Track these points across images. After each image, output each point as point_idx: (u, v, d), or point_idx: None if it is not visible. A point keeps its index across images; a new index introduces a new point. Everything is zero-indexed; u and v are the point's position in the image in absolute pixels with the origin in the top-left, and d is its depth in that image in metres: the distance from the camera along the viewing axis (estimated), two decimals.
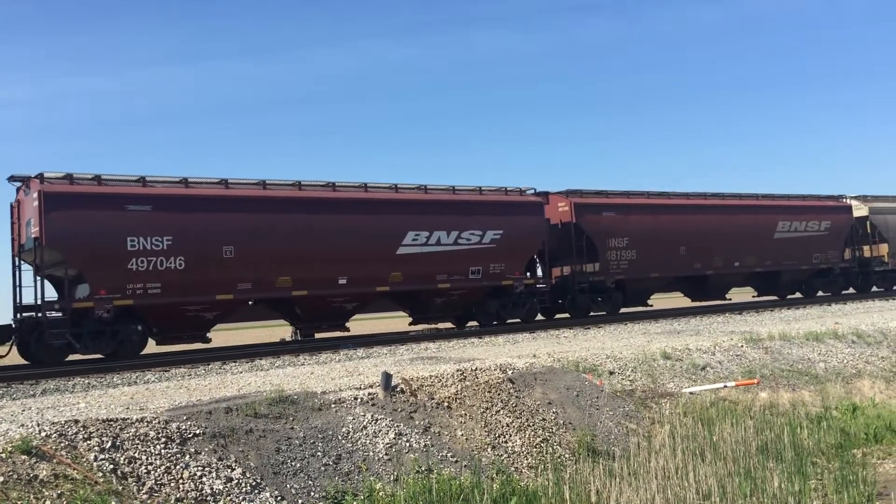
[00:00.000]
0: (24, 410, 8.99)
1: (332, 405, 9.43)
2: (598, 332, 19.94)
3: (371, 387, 10.14)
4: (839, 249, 31.19)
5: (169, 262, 17.36)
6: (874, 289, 32.73)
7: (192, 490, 7.34)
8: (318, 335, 20.63)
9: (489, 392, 10.53)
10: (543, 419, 10.39)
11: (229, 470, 7.76)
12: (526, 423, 10.17)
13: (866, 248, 32.40)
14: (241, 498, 7.48)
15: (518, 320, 22.71)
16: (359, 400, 9.66)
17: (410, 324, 22.60)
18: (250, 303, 19.37)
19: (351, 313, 20.32)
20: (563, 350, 14.18)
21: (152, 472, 7.37)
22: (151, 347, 18.58)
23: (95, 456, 7.31)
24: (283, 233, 18.88)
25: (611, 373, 12.52)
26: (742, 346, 15.08)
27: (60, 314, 16.90)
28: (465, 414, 10.00)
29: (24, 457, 6.96)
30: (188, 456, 7.74)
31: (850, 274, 31.98)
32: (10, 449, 7.00)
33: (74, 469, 7.03)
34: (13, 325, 17.16)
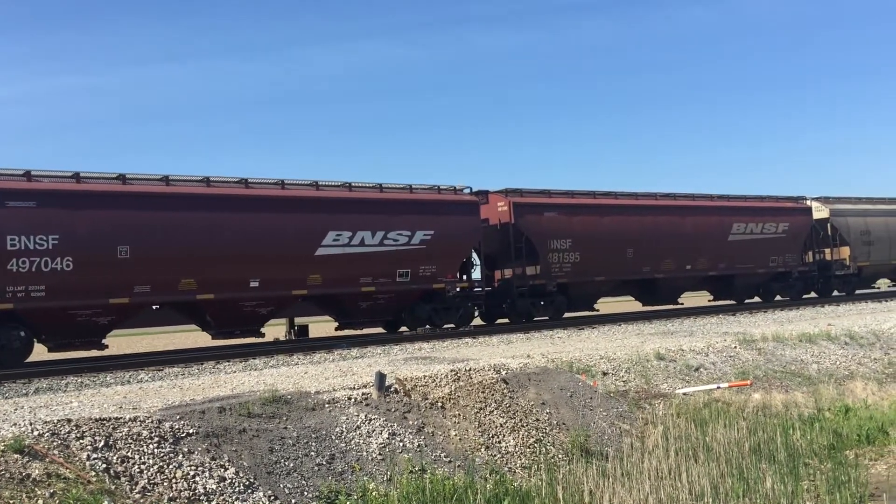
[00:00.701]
0: (16, 409, 8.96)
1: (326, 405, 9.42)
2: (591, 332, 19.96)
3: (365, 387, 10.13)
4: (798, 252, 30.38)
5: (55, 263, 16.17)
6: (835, 293, 32.07)
7: (185, 490, 7.33)
8: (311, 335, 20.61)
9: (483, 392, 10.54)
10: (537, 419, 10.40)
11: (222, 469, 7.75)
12: (520, 424, 10.18)
13: (827, 251, 31.64)
14: (234, 498, 7.47)
15: (452, 326, 21.80)
16: (353, 400, 9.65)
17: (336, 329, 21.62)
18: (154, 307, 18.36)
19: (266, 318, 19.43)
20: (556, 351, 14.19)
21: (145, 472, 7.35)
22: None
23: (88, 455, 7.29)
24: (186, 232, 17.83)
25: (604, 373, 12.53)
26: (735, 347, 15.12)
27: None
28: (459, 414, 10.01)
29: (16, 456, 6.94)
30: (181, 455, 7.72)
31: (809, 278, 31.19)
32: (2, 448, 6.98)
33: (67, 468, 7.01)
34: None
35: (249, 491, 7.63)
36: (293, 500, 7.77)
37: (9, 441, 7.09)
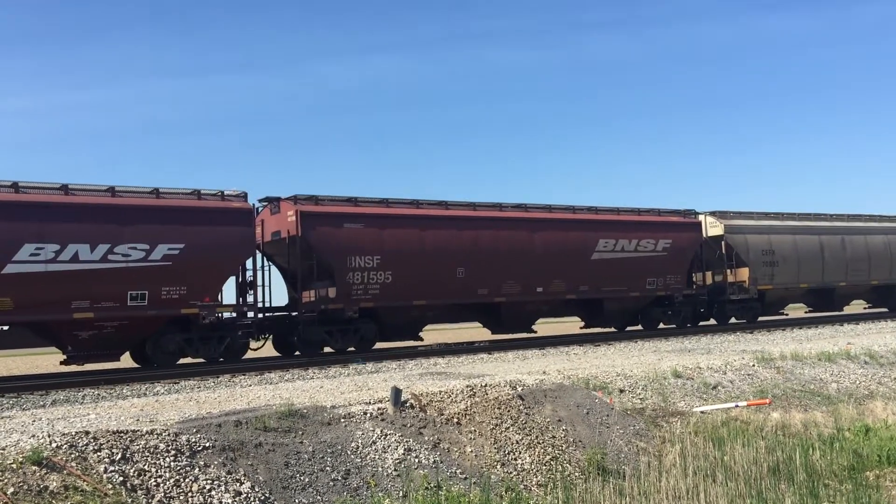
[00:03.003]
0: (34, 421, 9.01)
1: (342, 419, 9.41)
2: (608, 349, 19.87)
3: (380, 401, 10.12)
4: (683, 274, 26.10)
5: None
6: (732, 320, 28.00)
7: (201, 503, 7.33)
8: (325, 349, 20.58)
9: (499, 408, 10.49)
10: (553, 436, 10.34)
11: (238, 484, 7.75)
12: (535, 441, 10.13)
13: (728, 272, 27.48)
14: None
15: (221, 359, 18.44)
16: (368, 415, 9.64)
17: (62, 363, 17.74)
18: None
19: None
20: (573, 367, 14.12)
21: (161, 485, 7.37)
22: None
23: (105, 468, 7.32)
24: None
25: (621, 391, 12.46)
26: (754, 365, 14.99)
27: None
28: (475, 430, 9.97)
29: (34, 468, 6.98)
30: (197, 469, 7.73)
31: (698, 303, 26.88)
32: (20, 460, 7.02)
33: (84, 481, 7.03)
34: None
35: None
36: None
37: (27, 453, 7.13)
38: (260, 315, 19.58)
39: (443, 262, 21.07)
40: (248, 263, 19.39)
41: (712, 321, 28.06)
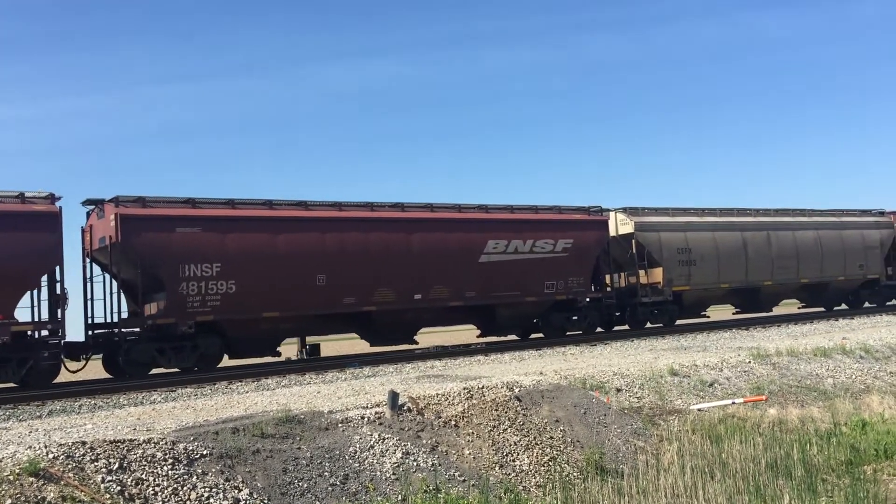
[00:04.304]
0: (31, 432, 8.99)
1: (339, 424, 9.41)
2: (604, 348, 19.90)
3: (378, 406, 10.11)
4: (587, 275, 24.03)
5: None
6: (648, 325, 26.08)
7: None
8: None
9: (496, 410, 10.50)
10: (551, 437, 10.34)
11: (236, 491, 7.74)
12: (533, 442, 10.13)
13: (642, 273, 25.51)
14: None
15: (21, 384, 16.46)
16: (366, 419, 9.63)
17: None
18: None
19: None
20: (569, 367, 14.14)
21: (159, 494, 7.35)
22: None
23: (103, 477, 7.30)
24: None
25: (618, 390, 12.48)
26: (750, 362, 15.03)
27: None
28: (473, 432, 9.97)
29: (31, 479, 6.96)
30: (195, 477, 7.72)
31: (606, 306, 25.02)
32: (17, 471, 7.00)
33: (82, 491, 7.02)
34: None
35: None
36: None
37: (24, 464, 7.10)
38: (87, 333, 18.11)
39: (299, 268, 19.13)
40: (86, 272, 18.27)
41: (627, 327, 26.00)
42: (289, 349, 23.69)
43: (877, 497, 8.90)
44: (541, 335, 24.10)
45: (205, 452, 8.10)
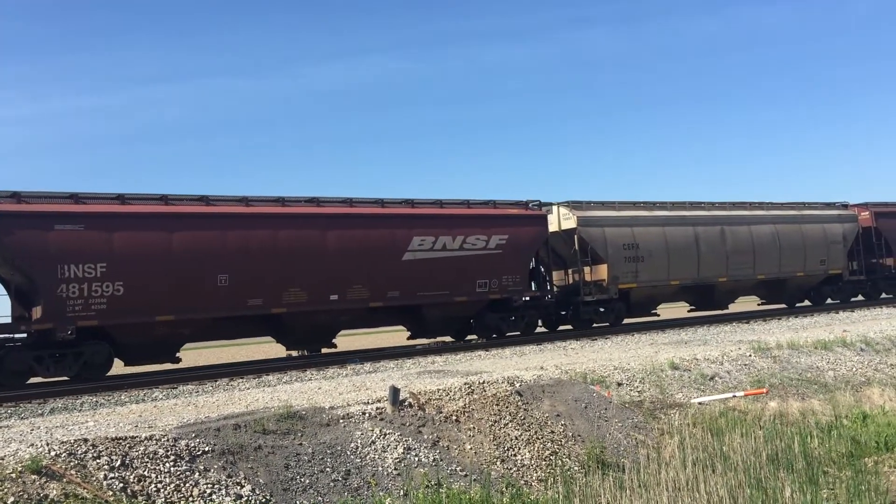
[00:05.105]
0: (32, 430, 9.00)
1: (341, 420, 9.42)
2: (605, 343, 19.90)
3: (379, 401, 10.13)
4: (522, 274, 22.59)
5: None
6: (594, 325, 24.55)
7: None
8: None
9: (497, 405, 10.51)
10: (552, 431, 10.36)
11: (238, 487, 7.76)
12: (535, 436, 10.15)
13: (586, 270, 24.06)
14: None
15: None
16: (367, 415, 9.65)
17: None
18: None
19: None
20: (570, 362, 14.15)
21: (162, 490, 7.37)
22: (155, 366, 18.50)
23: (105, 475, 7.32)
24: None
25: (619, 384, 12.49)
26: (750, 355, 15.04)
27: None
28: (474, 427, 9.99)
29: (34, 476, 6.97)
30: (197, 473, 7.74)
31: (546, 306, 23.62)
32: (20, 469, 7.01)
33: (84, 488, 7.03)
34: None
35: None
36: None
37: (26, 462, 7.12)
38: None
39: (197, 268, 17.59)
40: None
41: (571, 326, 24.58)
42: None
43: (878, 489, 8.92)
44: (474, 336, 22.72)
45: (207, 449, 8.12)
